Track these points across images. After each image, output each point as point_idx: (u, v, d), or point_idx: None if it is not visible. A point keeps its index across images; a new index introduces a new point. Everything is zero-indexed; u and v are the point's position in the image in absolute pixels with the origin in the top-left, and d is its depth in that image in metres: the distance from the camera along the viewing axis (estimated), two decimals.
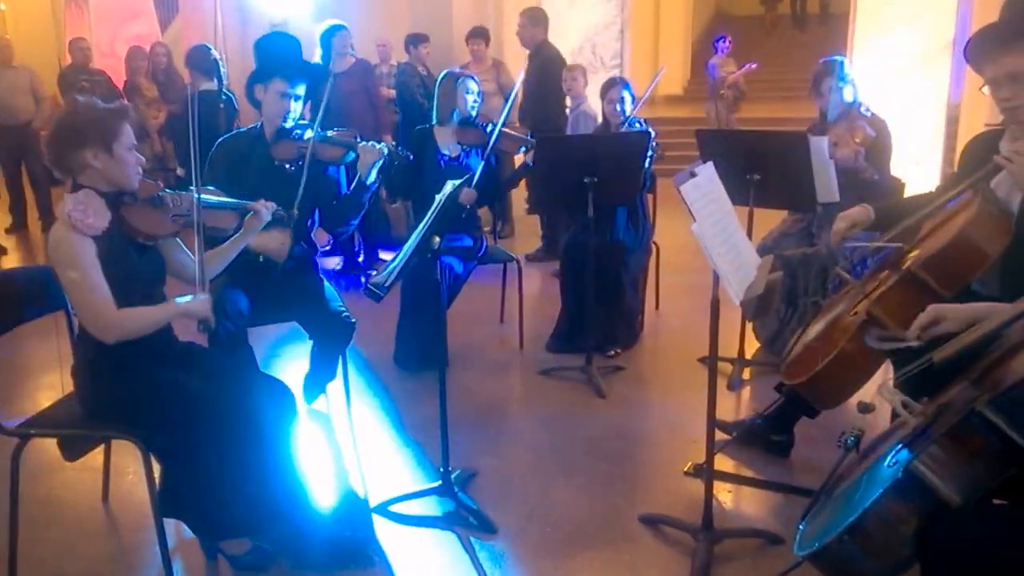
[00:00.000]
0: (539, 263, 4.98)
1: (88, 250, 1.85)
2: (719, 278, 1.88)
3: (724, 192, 2.05)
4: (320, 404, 2.96)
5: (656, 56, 12.20)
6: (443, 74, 3.58)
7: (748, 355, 3.29)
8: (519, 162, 3.85)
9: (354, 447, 2.68)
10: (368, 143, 2.64)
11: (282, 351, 3.61)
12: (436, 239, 2.15)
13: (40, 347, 3.29)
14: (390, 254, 4.68)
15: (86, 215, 1.85)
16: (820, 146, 3.00)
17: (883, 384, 1.53)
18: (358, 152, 2.62)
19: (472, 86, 3.48)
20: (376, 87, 5.14)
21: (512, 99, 3.68)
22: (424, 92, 5.52)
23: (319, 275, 2.84)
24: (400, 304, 3.35)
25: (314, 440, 2.70)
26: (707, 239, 1.82)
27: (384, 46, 6.49)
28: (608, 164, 3.09)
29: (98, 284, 1.85)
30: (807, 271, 3.19)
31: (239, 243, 2.21)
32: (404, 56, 6.00)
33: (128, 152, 1.95)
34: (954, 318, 1.53)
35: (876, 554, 1.36)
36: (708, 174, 2.00)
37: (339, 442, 2.71)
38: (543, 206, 4.33)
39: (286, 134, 2.67)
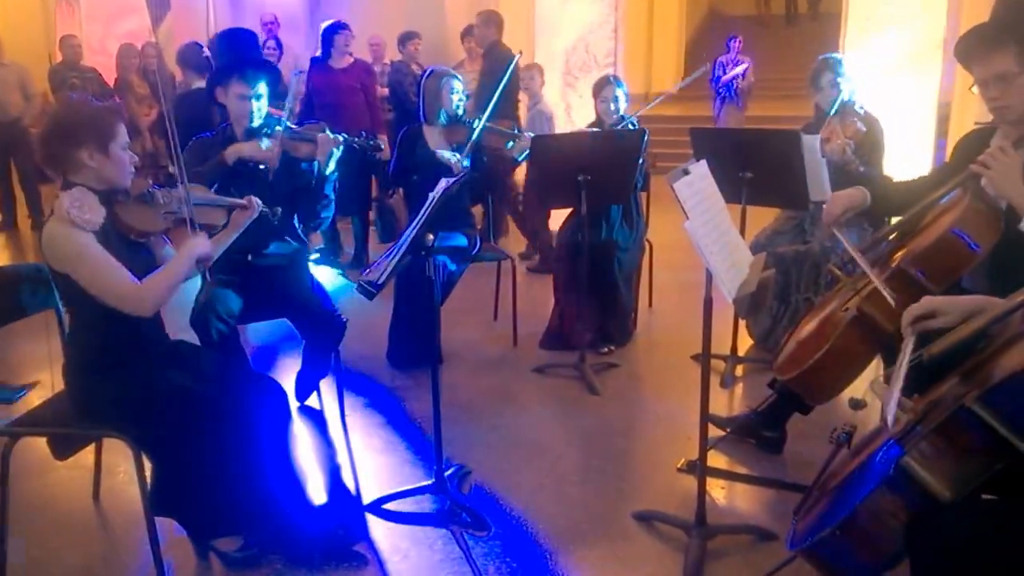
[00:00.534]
0: (530, 260, 4.98)
1: (91, 241, 1.86)
2: (712, 276, 1.89)
3: (717, 190, 2.06)
4: (313, 401, 2.96)
5: (650, 55, 12.23)
6: (427, 73, 3.56)
7: (741, 352, 3.30)
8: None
9: (347, 445, 2.67)
10: (328, 134, 2.62)
11: (275, 349, 3.60)
12: (430, 236, 2.15)
13: (30, 345, 3.26)
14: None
15: (83, 211, 1.85)
16: (813, 144, 3.01)
17: (874, 380, 1.54)
18: (319, 144, 2.60)
19: (456, 84, 3.46)
20: (375, 86, 5.16)
21: (497, 96, 3.63)
22: (417, 89, 5.51)
23: (310, 274, 2.83)
24: (394, 302, 3.35)
25: (307, 438, 2.70)
26: (700, 237, 1.82)
27: (377, 44, 6.47)
28: (603, 162, 3.09)
29: (114, 266, 1.86)
30: (800, 268, 3.21)
31: (228, 236, 2.23)
32: (397, 54, 5.99)
33: (123, 151, 1.95)
34: (949, 312, 1.53)
35: (868, 549, 1.37)
36: (701, 172, 2.00)
37: (332, 440, 2.71)
38: (539, 204, 4.33)
39: (255, 134, 2.66)
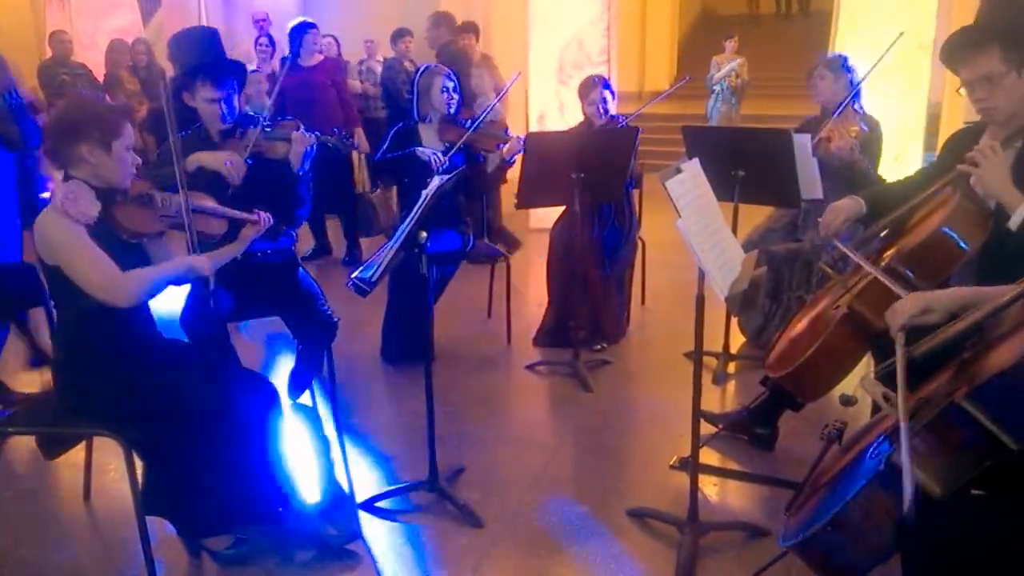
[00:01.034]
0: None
1: (82, 232, 1.85)
2: (704, 274, 1.89)
3: (709, 188, 2.07)
4: (305, 399, 2.95)
5: (643, 53, 12.25)
6: (420, 71, 3.56)
7: (733, 349, 3.31)
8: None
9: (340, 442, 2.67)
10: (303, 133, 2.57)
11: (268, 346, 3.59)
12: (423, 234, 2.15)
13: (19, 343, 3.24)
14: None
15: (77, 203, 1.84)
16: (804, 143, 3.03)
17: (865, 377, 1.55)
18: (292, 142, 2.54)
19: (449, 83, 3.46)
20: (346, 82, 5.17)
21: (495, 100, 3.67)
22: (410, 87, 5.51)
23: (302, 271, 2.82)
24: (387, 299, 3.35)
25: (299, 435, 2.69)
26: (692, 235, 1.83)
27: (371, 42, 6.47)
28: (597, 160, 3.09)
29: (99, 257, 1.86)
30: (792, 266, 3.22)
31: (234, 250, 2.21)
32: (390, 52, 5.98)
33: (126, 151, 1.95)
34: (940, 308, 1.54)
35: (860, 544, 1.38)
36: (693, 170, 2.01)
37: (325, 437, 2.70)
38: (532, 202, 4.33)
39: (230, 135, 2.60)
